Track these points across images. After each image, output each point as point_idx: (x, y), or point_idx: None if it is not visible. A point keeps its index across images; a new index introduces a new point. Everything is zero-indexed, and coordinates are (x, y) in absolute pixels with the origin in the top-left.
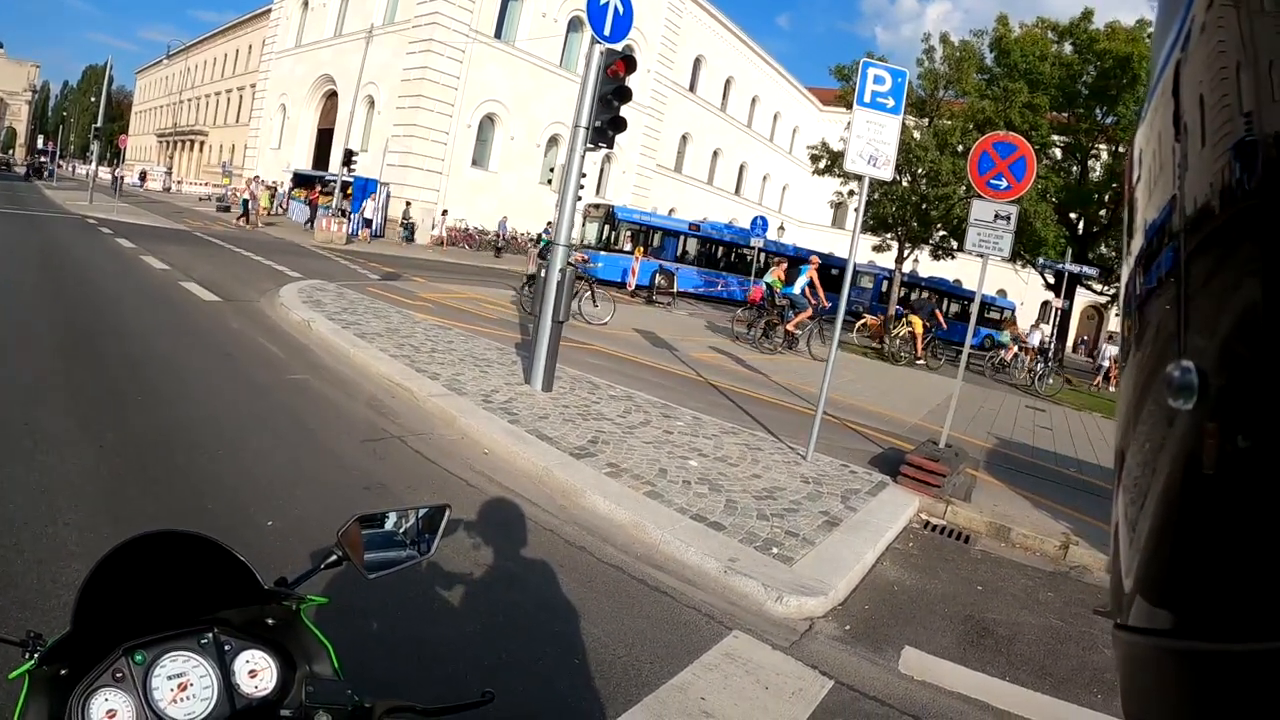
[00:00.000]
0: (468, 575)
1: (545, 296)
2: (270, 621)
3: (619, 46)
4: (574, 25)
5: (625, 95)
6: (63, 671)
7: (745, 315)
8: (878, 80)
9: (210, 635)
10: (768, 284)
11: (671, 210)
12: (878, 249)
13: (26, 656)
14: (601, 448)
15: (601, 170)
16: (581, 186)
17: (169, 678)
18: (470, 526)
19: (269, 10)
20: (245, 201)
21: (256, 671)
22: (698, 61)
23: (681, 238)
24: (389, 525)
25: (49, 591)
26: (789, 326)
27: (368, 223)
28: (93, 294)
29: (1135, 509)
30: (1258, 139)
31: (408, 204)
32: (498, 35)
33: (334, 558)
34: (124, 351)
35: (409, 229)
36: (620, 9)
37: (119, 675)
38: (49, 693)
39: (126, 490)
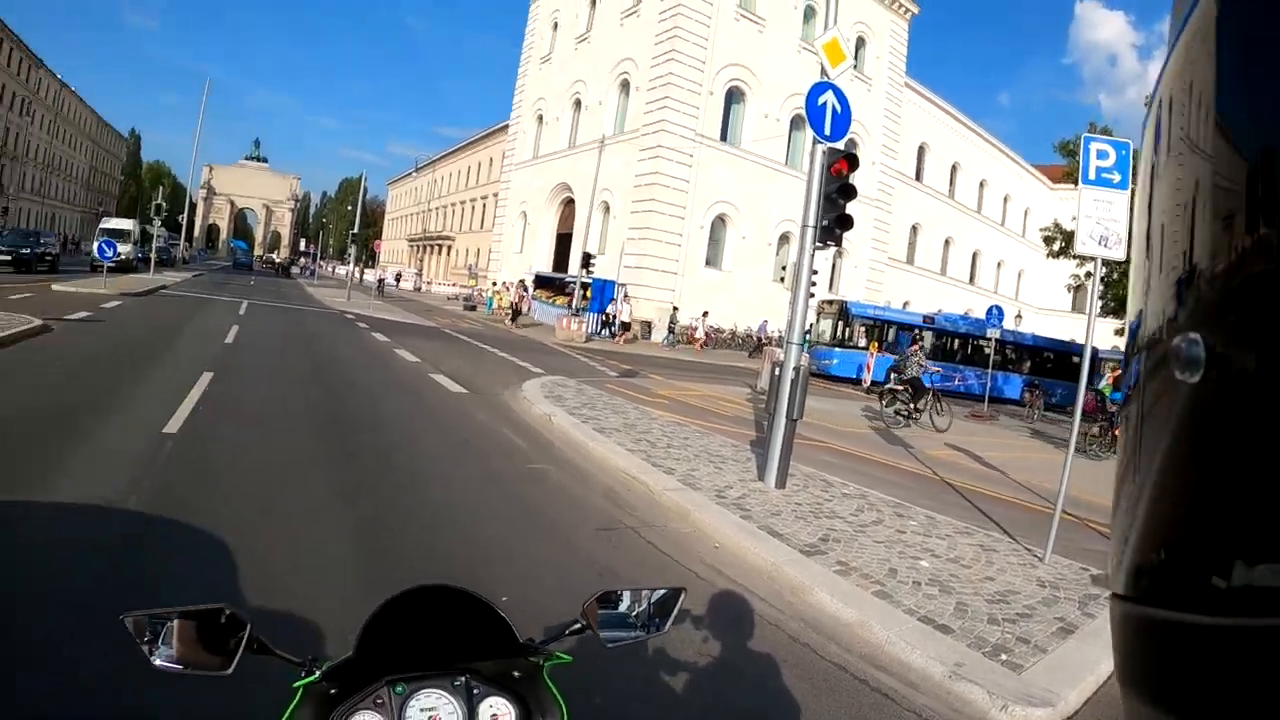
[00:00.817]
0: (692, 663)
1: (779, 394)
2: (516, 674)
3: (840, 144)
4: (796, 124)
5: (850, 193)
6: (332, 691)
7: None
8: (1101, 155)
9: (463, 679)
10: (1099, 391)
11: (905, 303)
12: (1120, 332)
13: (304, 674)
14: (832, 546)
15: (833, 266)
16: (813, 284)
17: (422, 710)
18: (698, 618)
19: (506, 125)
20: (514, 305)
21: (498, 716)
22: (921, 149)
23: (915, 331)
24: (625, 604)
25: (299, 641)
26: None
27: (608, 322)
28: (349, 382)
29: (1136, 481)
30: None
31: (675, 309)
32: (723, 138)
33: (578, 625)
34: (376, 436)
35: (672, 331)
36: (838, 108)
37: (379, 701)
38: (316, 706)
39: (371, 562)
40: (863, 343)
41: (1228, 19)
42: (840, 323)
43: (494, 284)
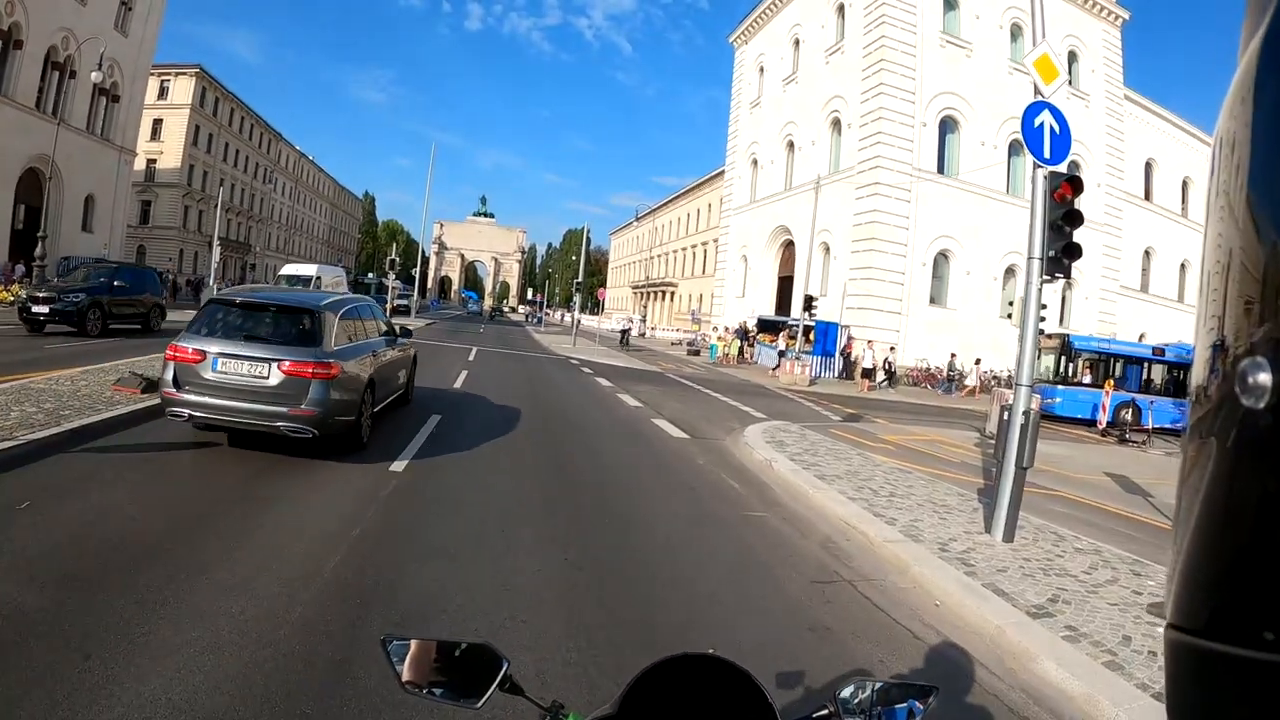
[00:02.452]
0: None
1: (1009, 441)
2: None
3: (1061, 167)
4: (1014, 149)
5: (1076, 219)
6: None
7: None
8: None
9: None
10: None
11: (1141, 335)
12: None
13: None
14: (1061, 608)
15: (1062, 298)
16: (1042, 319)
17: None
18: None
19: (722, 171)
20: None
21: None
22: (1149, 166)
23: (1146, 365)
24: (872, 694)
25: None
26: None
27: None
28: (573, 425)
29: (1196, 512)
30: None
31: (953, 355)
32: (940, 170)
33: (825, 711)
34: (597, 478)
35: (890, 373)
36: (1056, 128)
37: None
38: None
39: (581, 601)
40: (1087, 379)
41: (1265, 86)
42: (1063, 358)
43: (715, 329)
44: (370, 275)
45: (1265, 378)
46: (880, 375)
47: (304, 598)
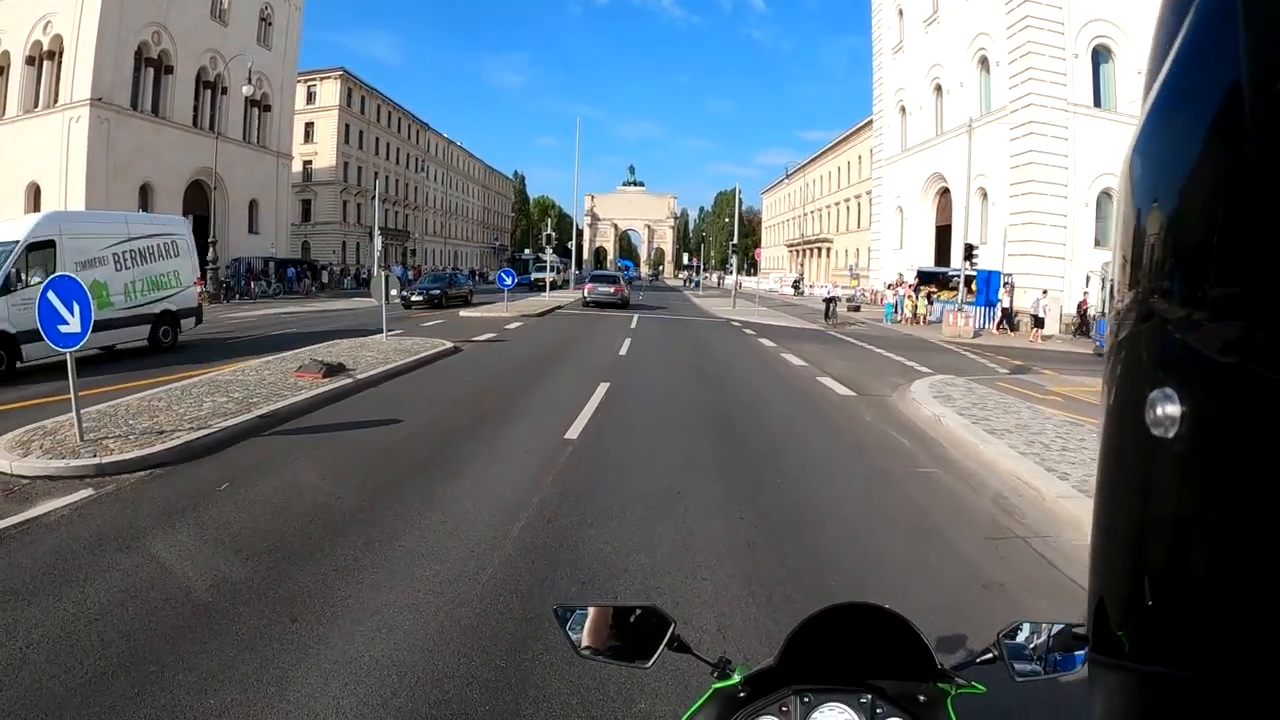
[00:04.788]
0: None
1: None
2: (921, 699)
3: None
4: None
5: None
6: (742, 694)
7: None
8: None
9: (869, 698)
10: None
11: None
12: None
13: (714, 675)
14: None
15: None
16: None
17: None
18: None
19: (870, 121)
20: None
21: None
22: None
23: None
24: (1039, 636)
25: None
26: None
27: (1004, 314)
28: (738, 386)
29: (1112, 538)
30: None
31: (1043, 292)
32: (1096, 103)
33: (989, 655)
34: (765, 437)
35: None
36: None
37: (785, 709)
38: (723, 705)
39: (757, 558)
40: None
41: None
42: None
43: (889, 284)
44: (526, 251)
45: (1174, 410)
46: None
47: (493, 560)
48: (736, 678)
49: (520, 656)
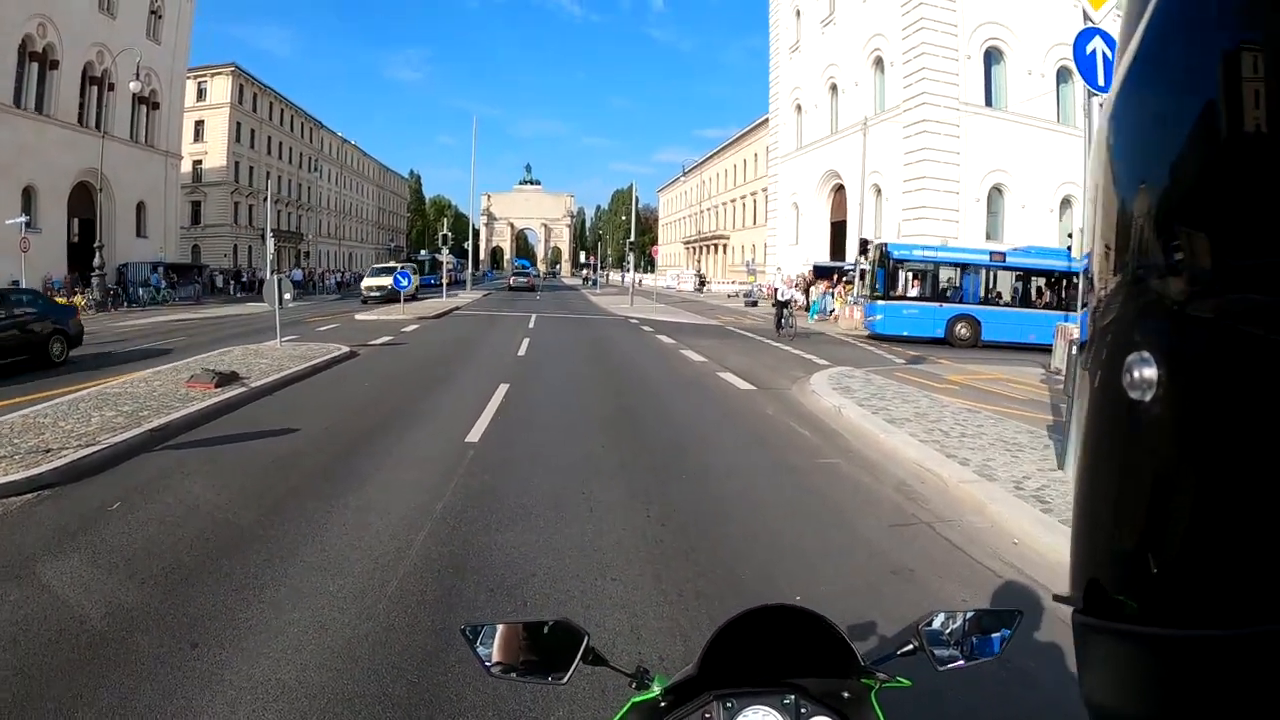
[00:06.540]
0: (987, 673)
1: (1077, 374)
2: (845, 695)
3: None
4: (1063, 76)
5: None
6: (662, 704)
7: None
8: None
9: (792, 698)
10: None
11: None
12: None
13: (633, 686)
14: None
15: None
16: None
17: None
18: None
19: (766, 120)
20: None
21: None
22: None
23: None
24: (956, 625)
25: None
26: None
27: None
28: (639, 383)
29: (1095, 499)
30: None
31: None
32: (988, 103)
33: (909, 646)
34: (668, 435)
35: None
36: (1109, 54)
37: (708, 716)
38: (643, 717)
39: (666, 556)
40: (914, 293)
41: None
42: (881, 271)
43: (800, 279)
44: (424, 252)
45: (1150, 372)
46: None
47: (399, 571)
48: (656, 688)
49: (432, 670)
